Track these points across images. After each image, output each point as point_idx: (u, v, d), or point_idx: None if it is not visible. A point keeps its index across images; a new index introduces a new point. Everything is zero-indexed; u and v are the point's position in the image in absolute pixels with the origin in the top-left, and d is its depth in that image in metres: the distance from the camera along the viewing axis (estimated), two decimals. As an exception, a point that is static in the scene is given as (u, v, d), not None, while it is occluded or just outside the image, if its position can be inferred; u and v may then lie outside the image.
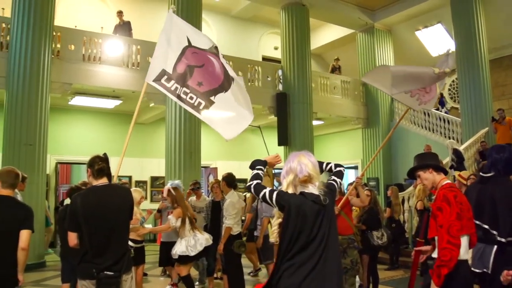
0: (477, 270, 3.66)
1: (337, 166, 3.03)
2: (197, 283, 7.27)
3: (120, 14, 12.43)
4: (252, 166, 2.93)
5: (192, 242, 5.77)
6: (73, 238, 3.37)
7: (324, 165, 3.00)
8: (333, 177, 2.93)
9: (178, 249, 5.79)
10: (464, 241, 3.15)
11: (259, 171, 2.88)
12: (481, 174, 4.00)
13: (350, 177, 17.09)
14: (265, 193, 2.69)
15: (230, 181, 6.33)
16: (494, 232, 3.60)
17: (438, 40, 15.62)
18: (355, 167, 17.11)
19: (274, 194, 2.65)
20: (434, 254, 3.25)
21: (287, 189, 2.66)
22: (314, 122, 14.37)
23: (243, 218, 7.54)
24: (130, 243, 4.38)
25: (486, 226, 3.64)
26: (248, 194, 8.88)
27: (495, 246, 3.60)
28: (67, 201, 6.11)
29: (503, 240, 3.56)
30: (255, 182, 2.79)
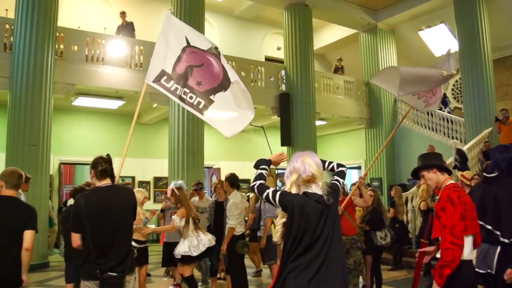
0: (481, 271, 3.65)
1: (339, 166, 3.02)
2: (200, 284, 7.27)
3: (123, 14, 12.45)
4: (256, 166, 2.92)
5: (195, 243, 5.76)
6: (76, 239, 3.37)
7: (326, 164, 2.99)
8: (336, 177, 2.92)
9: (181, 249, 5.78)
10: (468, 241, 3.13)
11: (263, 171, 2.87)
12: (484, 174, 3.99)
13: (353, 177, 17.07)
14: (268, 193, 2.69)
15: (233, 181, 6.32)
16: (497, 232, 3.59)
17: (441, 40, 15.56)
18: (358, 167, 17.08)
19: (277, 194, 2.65)
20: (438, 255, 3.25)
21: (291, 189, 2.66)
22: (317, 123, 14.35)
23: (246, 218, 7.53)
24: (133, 244, 4.38)
25: (489, 227, 3.63)
26: (251, 194, 8.88)
27: (499, 247, 3.59)
28: (71, 201, 6.13)
29: (506, 240, 3.55)
30: (259, 182, 2.78)
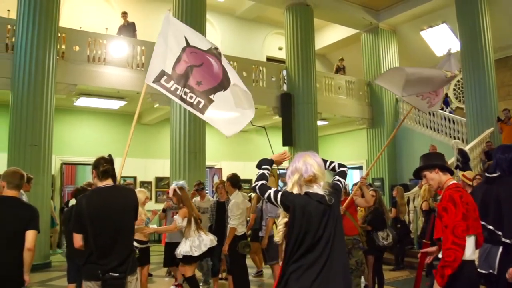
0: (483, 271, 3.65)
1: (340, 166, 3.02)
2: (201, 284, 7.27)
3: (124, 15, 12.46)
4: (258, 166, 2.92)
5: (196, 243, 5.76)
6: (78, 240, 3.37)
7: (327, 163, 2.98)
8: (337, 177, 2.92)
9: (182, 249, 5.78)
10: (470, 241, 3.13)
11: (265, 171, 2.87)
12: (486, 174, 3.98)
13: (355, 177, 17.05)
14: (270, 193, 2.69)
15: (235, 181, 6.32)
16: (499, 232, 3.58)
17: (443, 40, 15.54)
18: (360, 168, 17.06)
19: (279, 194, 2.65)
20: (441, 255, 3.24)
21: (292, 189, 2.66)
22: (319, 123, 14.33)
23: (248, 218, 7.53)
24: (135, 244, 4.38)
25: (491, 227, 3.62)
26: (253, 194, 8.87)
27: (501, 247, 3.58)
28: (72, 201, 6.13)
29: (508, 241, 3.54)
30: (260, 182, 2.79)
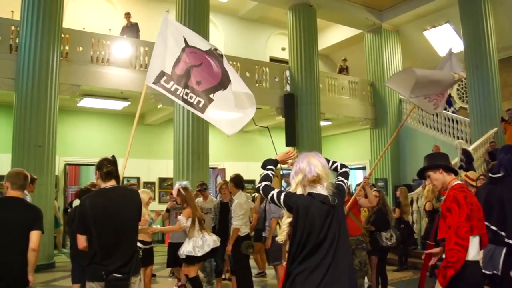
0: (487, 272, 3.63)
1: (342, 166, 3.02)
2: (205, 284, 7.27)
3: (127, 15, 12.48)
4: (263, 166, 2.93)
5: (199, 243, 5.75)
6: (82, 241, 3.37)
7: (330, 163, 2.98)
8: (340, 177, 2.92)
9: (185, 249, 5.77)
10: (475, 242, 3.12)
11: (269, 172, 2.88)
12: (490, 175, 3.97)
13: (358, 177, 17.02)
14: (273, 194, 2.70)
15: (238, 182, 6.33)
16: (502, 233, 3.57)
17: (446, 40, 15.49)
18: (363, 168, 17.03)
19: (282, 195, 2.66)
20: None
21: (296, 189, 2.66)
22: (322, 123, 14.32)
23: (252, 219, 7.52)
24: (138, 244, 4.39)
25: (494, 228, 3.61)
26: (256, 195, 8.88)
27: (505, 248, 3.57)
28: (76, 202, 6.15)
29: (511, 242, 3.52)
30: (264, 184, 2.79)
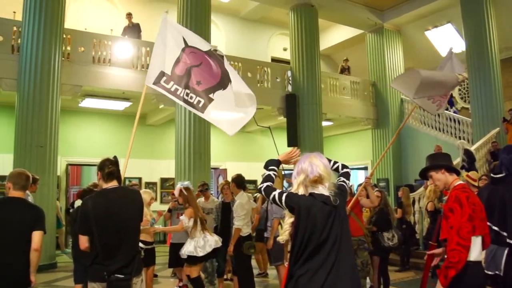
0: (489, 272, 3.62)
1: (344, 167, 3.01)
2: (207, 285, 7.26)
3: (129, 16, 12.49)
4: (265, 166, 2.93)
5: (201, 243, 5.75)
6: (84, 241, 3.37)
7: (331, 163, 2.97)
8: (342, 178, 2.92)
9: (187, 249, 5.77)
10: (477, 242, 3.11)
11: (271, 172, 2.87)
12: (491, 175, 3.96)
13: (360, 178, 17.01)
14: (275, 195, 2.70)
15: (240, 182, 6.33)
16: (504, 233, 3.56)
17: (448, 40, 15.46)
18: (365, 168, 17.02)
19: (284, 196, 2.65)
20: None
21: (298, 189, 2.66)
22: (324, 123, 14.32)
23: (253, 219, 7.52)
24: (140, 244, 4.39)
25: (496, 228, 3.60)
26: (258, 195, 8.87)
27: (507, 248, 3.56)
28: (78, 202, 6.15)
29: (512, 242, 3.52)
30: (266, 184, 2.79)
